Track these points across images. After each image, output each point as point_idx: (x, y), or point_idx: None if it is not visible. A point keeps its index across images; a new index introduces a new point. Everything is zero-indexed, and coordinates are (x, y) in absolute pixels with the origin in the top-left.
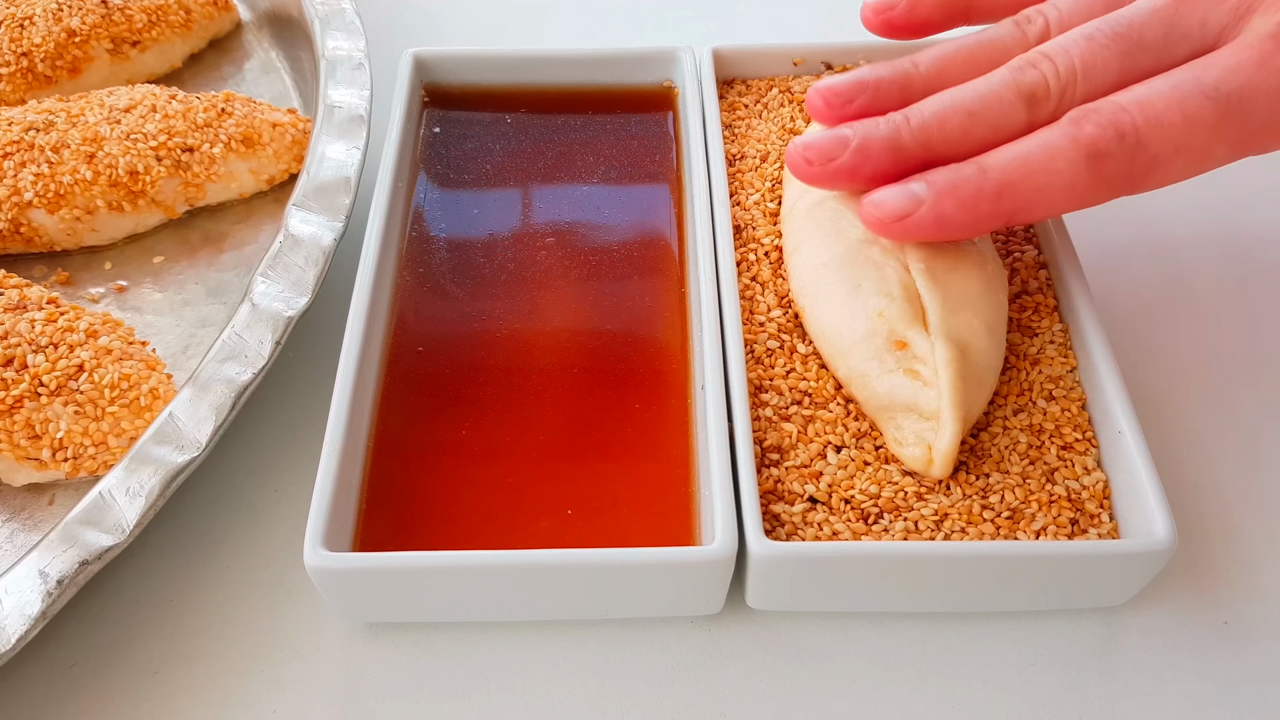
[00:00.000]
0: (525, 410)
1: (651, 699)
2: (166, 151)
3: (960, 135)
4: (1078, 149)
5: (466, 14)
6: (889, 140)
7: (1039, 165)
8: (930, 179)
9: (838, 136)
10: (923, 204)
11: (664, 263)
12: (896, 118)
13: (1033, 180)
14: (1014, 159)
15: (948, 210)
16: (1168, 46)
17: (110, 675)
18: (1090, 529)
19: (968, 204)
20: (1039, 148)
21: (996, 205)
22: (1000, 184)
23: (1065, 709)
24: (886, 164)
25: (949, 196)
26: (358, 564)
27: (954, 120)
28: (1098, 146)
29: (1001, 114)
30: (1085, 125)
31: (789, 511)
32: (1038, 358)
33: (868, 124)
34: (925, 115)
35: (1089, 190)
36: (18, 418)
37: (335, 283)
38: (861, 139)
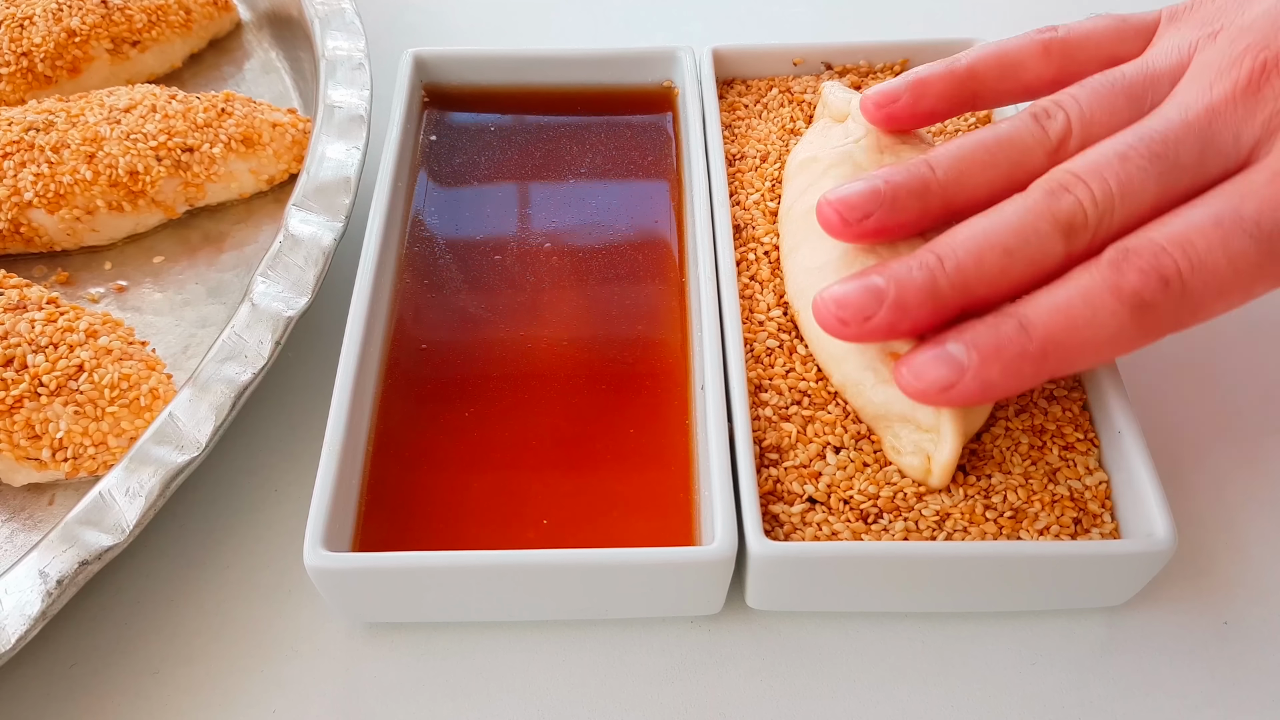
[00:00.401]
0: (525, 410)
1: (651, 699)
2: (166, 151)
3: (998, 275)
4: (1122, 301)
5: (466, 14)
6: (925, 289)
7: (1083, 320)
8: (970, 340)
9: (872, 289)
10: (966, 372)
11: (664, 263)
12: (930, 260)
13: (1077, 336)
14: (1055, 313)
15: (993, 377)
16: (1203, 165)
17: (110, 675)
18: (1093, 529)
19: (1011, 369)
20: (1081, 299)
21: (1040, 366)
22: (1044, 343)
23: (1065, 709)
24: (924, 315)
25: (993, 362)
26: (358, 564)
27: (990, 259)
28: (1142, 297)
29: (1040, 248)
30: (1128, 273)
31: (788, 512)
32: None
33: (899, 269)
34: (960, 256)
35: (1133, 340)
36: (18, 418)
37: (335, 283)
38: (897, 291)
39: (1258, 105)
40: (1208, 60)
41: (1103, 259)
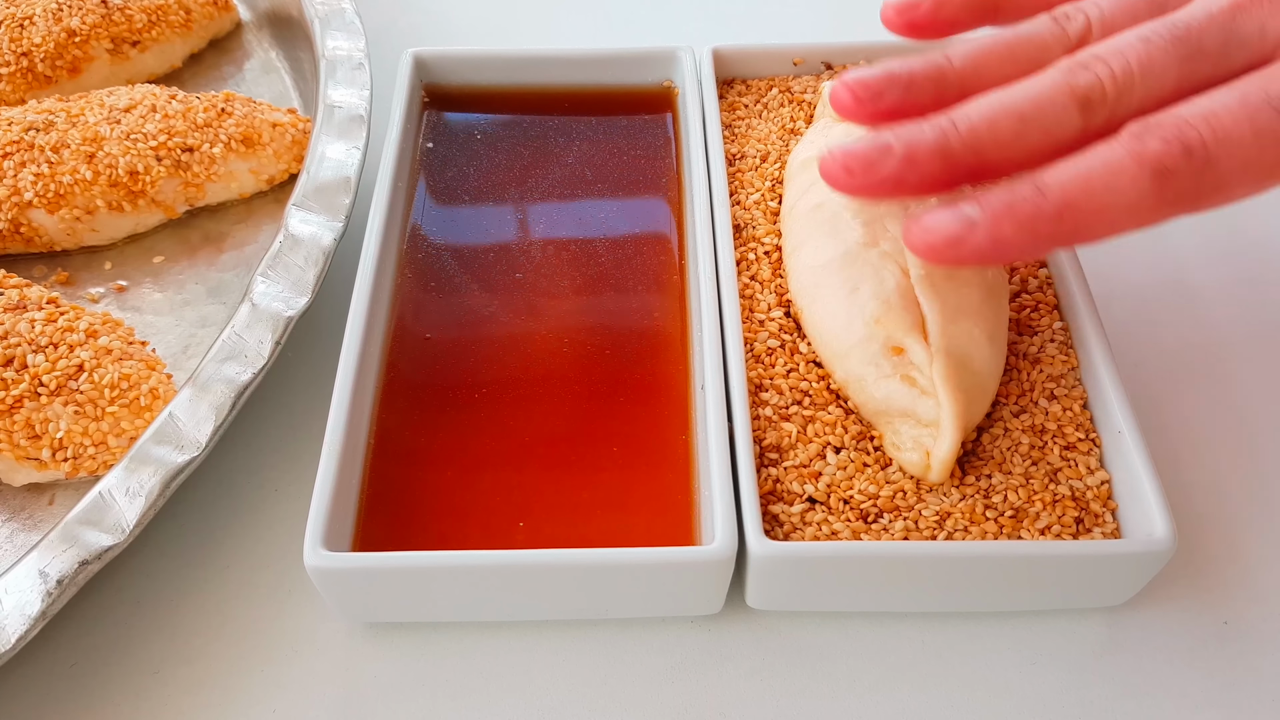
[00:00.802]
0: (525, 410)
1: (651, 699)
2: (166, 151)
3: (1012, 140)
4: (1142, 167)
5: (467, 14)
6: (937, 146)
7: (1101, 184)
8: (983, 200)
9: (880, 143)
10: (977, 228)
11: (664, 263)
12: (942, 121)
13: (1095, 200)
14: (1074, 177)
15: (1005, 233)
16: (1226, 54)
17: (110, 675)
18: (1095, 528)
19: (1026, 226)
20: (1101, 164)
21: (1057, 227)
22: (1060, 204)
23: (1065, 709)
24: (935, 172)
25: (1006, 219)
26: (357, 564)
27: (1004, 124)
28: (1164, 164)
29: (1055, 118)
30: (1149, 140)
31: (788, 512)
32: (1038, 357)
33: (911, 128)
34: (973, 118)
35: (1152, 211)
36: (18, 418)
37: (335, 283)
38: (907, 145)
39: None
40: None
41: (1124, 132)
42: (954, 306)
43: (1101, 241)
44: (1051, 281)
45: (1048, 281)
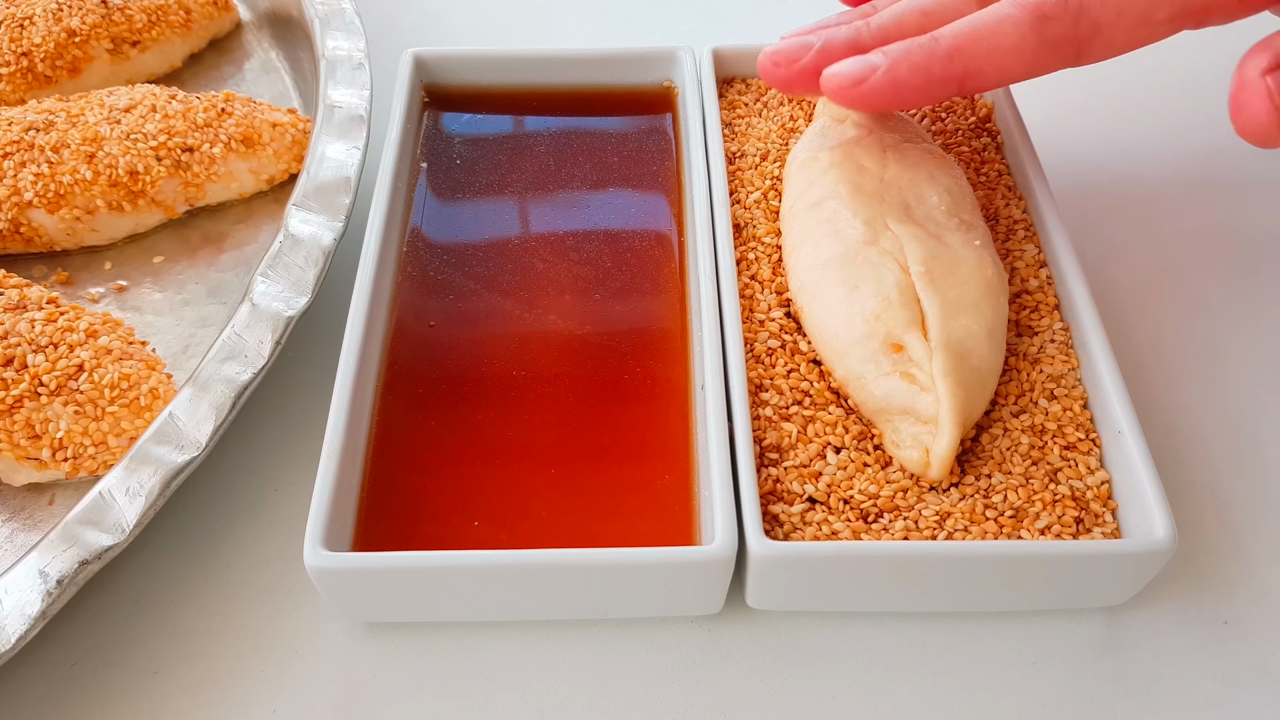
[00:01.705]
0: (525, 409)
1: (651, 699)
2: (166, 151)
3: (916, 31)
4: (1024, 11)
5: (466, 14)
6: (849, 40)
7: (987, 30)
8: (886, 49)
9: (802, 42)
10: (877, 69)
11: (664, 263)
12: (856, 23)
13: (982, 44)
14: (964, 26)
15: (902, 74)
16: None
17: (110, 675)
18: (1095, 528)
19: (920, 67)
20: (989, 14)
21: (948, 68)
22: (951, 49)
23: (1065, 709)
24: (930, 70)
25: (903, 61)
26: (358, 564)
27: (910, 18)
28: (1042, 10)
29: (954, 8)
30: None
31: (788, 512)
32: (1038, 357)
33: (829, 30)
34: (884, 19)
35: (1036, 54)
36: (18, 418)
37: (335, 283)
38: (824, 41)
39: None
40: None
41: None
42: (954, 302)
43: (995, 87)
44: (1052, 281)
45: (1048, 281)
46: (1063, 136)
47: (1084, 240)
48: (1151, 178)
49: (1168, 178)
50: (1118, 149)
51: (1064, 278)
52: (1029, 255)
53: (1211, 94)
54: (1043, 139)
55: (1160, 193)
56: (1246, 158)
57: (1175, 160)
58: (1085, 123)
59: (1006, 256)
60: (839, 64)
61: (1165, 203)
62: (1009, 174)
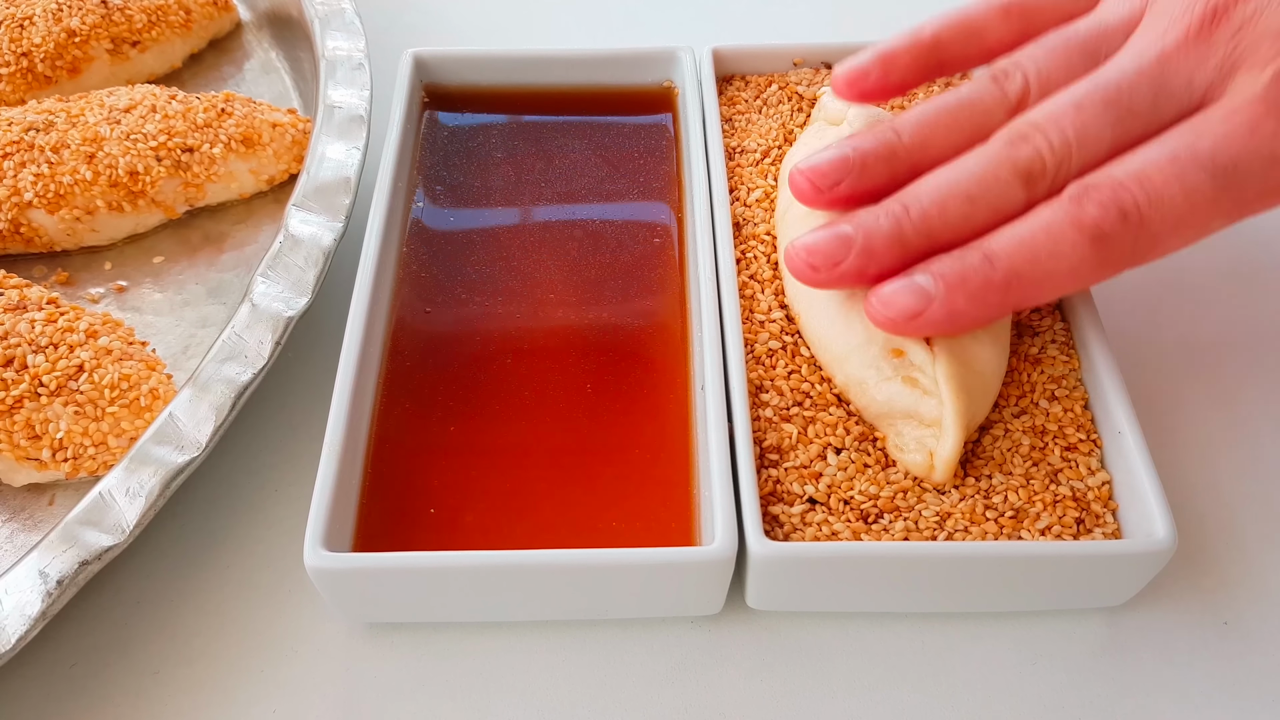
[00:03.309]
0: (525, 410)
1: (651, 699)
2: (166, 152)
3: (961, 221)
4: (1081, 233)
5: (466, 14)
6: (892, 235)
7: (1045, 251)
8: (937, 271)
9: (840, 237)
10: (933, 301)
11: (664, 263)
12: (895, 209)
13: (1039, 268)
14: (1019, 246)
15: (959, 306)
16: (1157, 110)
17: (110, 675)
18: (1096, 529)
19: (977, 298)
20: (1043, 232)
21: (1005, 296)
22: (1008, 274)
23: (1065, 709)
24: (891, 260)
25: (959, 291)
26: (358, 564)
27: (954, 206)
28: (1101, 229)
29: (1000, 195)
30: (1088, 206)
31: (788, 512)
32: (1039, 358)
33: (867, 217)
34: (925, 204)
35: (1093, 272)
36: (18, 418)
37: (335, 283)
38: (865, 238)
39: (1210, 50)
40: (1161, 9)
41: (1064, 195)
42: None
43: (1046, 302)
44: None
45: None
46: None
47: None
48: None
49: None
50: None
51: None
52: None
53: None
54: None
55: None
56: None
57: None
58: None
59: None
60: (888, 290)
61: None
62: None
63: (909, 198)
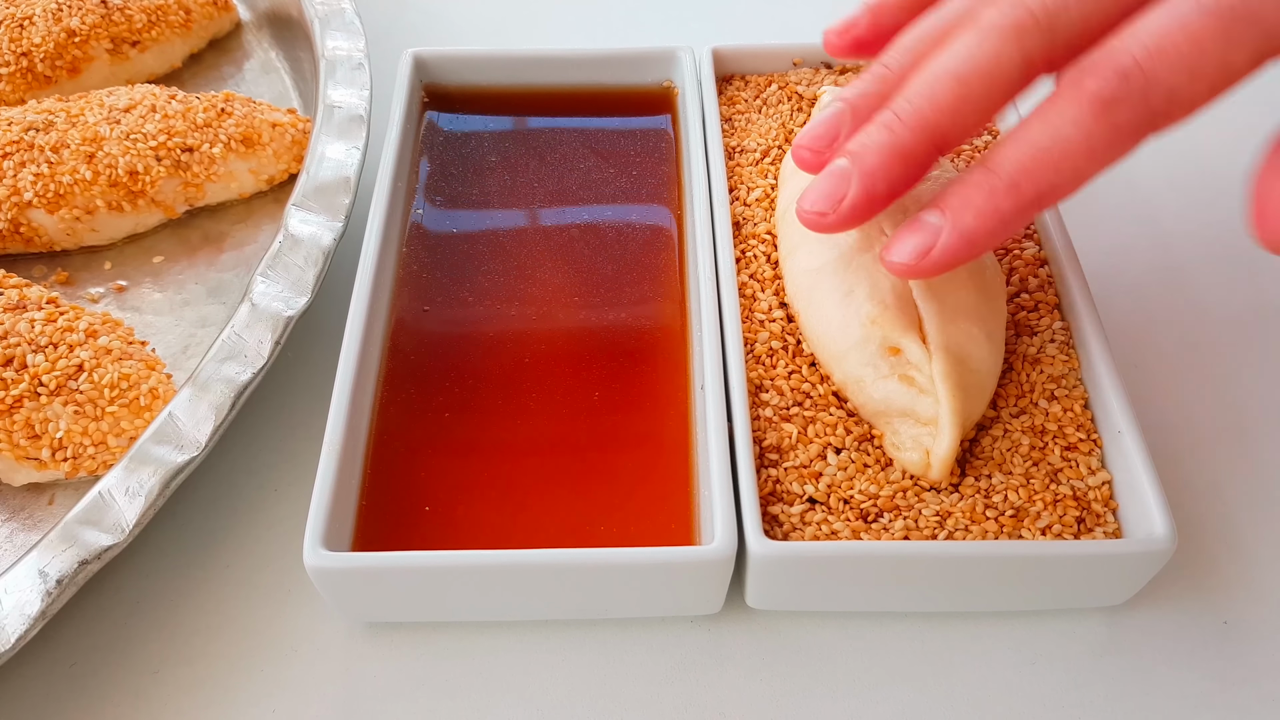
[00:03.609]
0: (525, 410)
1: (651, 699)
2: (166, 151)
3: (958, 104)
4: (1082, 107)
5: (466, 14)
6: (889, 147)
7: (1047, 139)
8: (940, 201)
9: (836, 172)
10: (941, 230)
11: (664, 263)
12: (886, 117)
13: (1047, 157)
14: (1018, 143)
15: (969, 224)
16: None
17: (110, 675)
18: (1097, 528)
19: (987, 210)
20: (1040, 120)
21: (1016, 198)
22: (1012, 174)
23: (1065, 709)
24: (898, 172)
25: (965, 210)
26: (358, 564)
27: (944, 91)
28: (1103, 96)
29: (994, 62)
30: (1084, 81)
31: (788, 512)
32: (1038, 357)
33: (860, 138)
34: (914, 101)
35: (1111, 145)
36: (17, 418)
37: (335, 283)
38: (860, 161)
39: None
40: None
41: (1060, 83)
42: (952, 307)
43: (1076, 191)
44: (1052, 281)
45: (1048, 281)
46: None
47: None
48: (1151, 177)
49: (1168, 177)
50: None
51: (1064, 277)
52: (1028, 254)
53: None
54: None
55: (1160, 193)
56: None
57: (1175, 159)
58: None
59: (1006, 255)
60: (897, 239)
61: (1165, 203)
62: None
63: (897, 100)
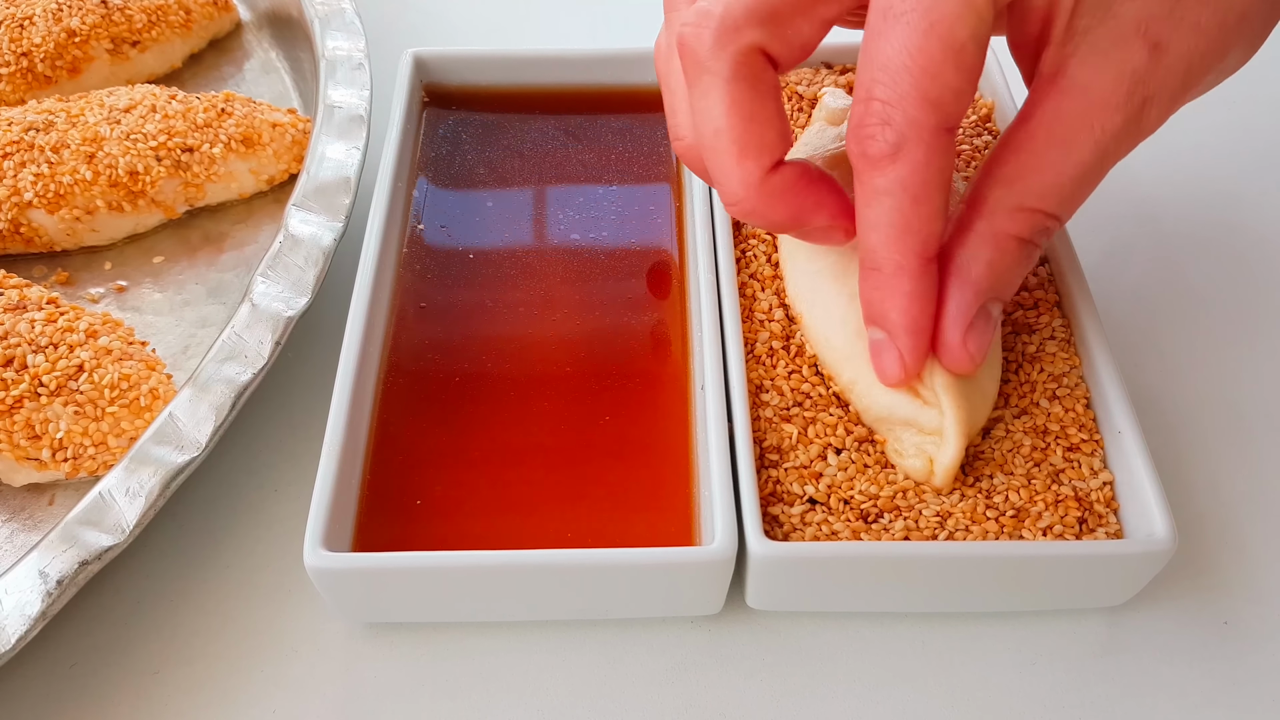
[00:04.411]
0: (525, 410)
1: (651, 699)
2: (166, 152)
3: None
4: (862, 169)
5: (466, 14)
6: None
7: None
8: (874, 321)
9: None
10: (887, 346)
11: (664, 262)
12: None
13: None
14: (870, 233)
15: (900, 323)
16: None
17: (110, 675)
18: (1099, 529)
19: (902, 304)
20: (861, 206)
21: (903, 271)
22: (883, 255)
23: (1065, 709)
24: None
25: (890, 316)
26: (357, 564)
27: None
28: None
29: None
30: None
31: (788, 513)
32: (1038, 355)
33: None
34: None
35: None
36: (18, 418)
37: (335, 283)
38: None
39: None
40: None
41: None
42: None
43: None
44: (1053, 278)
45: (1049, 279)
46: None
47: (1084, 240)
48: (1151, 178)
49: (1168, 178)
50: None
51: (1063, 276)
52: None
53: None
54: None
55: (1160, 193)
56: (1247, 158)
57: (1175, 160)
58: None
59: None
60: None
61: (1165, 203)
62: None
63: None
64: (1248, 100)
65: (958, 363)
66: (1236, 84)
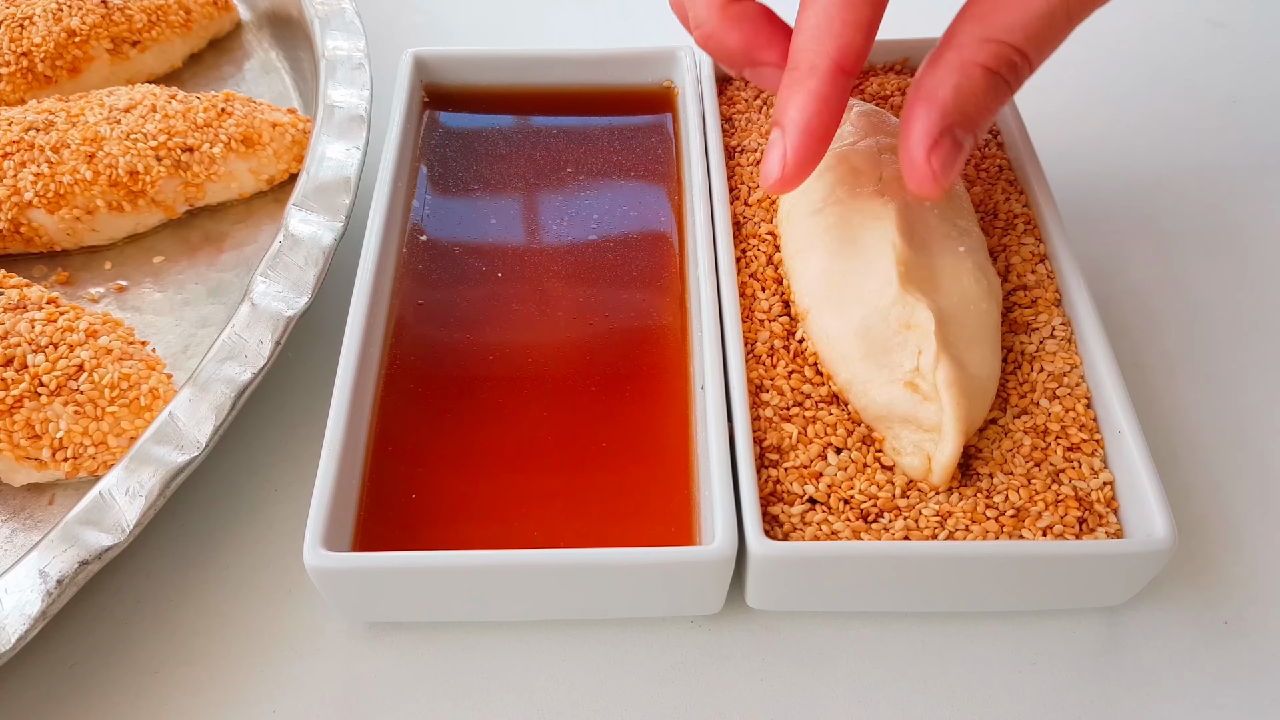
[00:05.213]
0: (525, 410)
1: (651, 699)
2: (166, 151)
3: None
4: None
5: (466, 14)
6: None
7: (816, 19)
8: (775, 120)
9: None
10: (779, 141)
11: (664, 263)
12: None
13: (821, 31)
14: (799, 34)
15: (798, 120)
16: None
17: (110, 675)
18: (1099, 528)
19: (803, 100)
20: (806, 8)
21: (816, 73)
22: (804, 57)
23: (1065, 709)
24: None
25: (789, 111)
26: (358, 564)
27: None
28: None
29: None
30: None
31: (788, 512)
32: (1037, 354)
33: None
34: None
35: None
36: (18, 418)
37: (335, 283)
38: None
39: None
40: None
41: None
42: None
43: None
44: (1052, 276)
45: (1048, 276)
46: (1063, 136)
47: (1084, 239)
48: (1151, 177)
49: (1168, 178)
50: (1118, 149)
51: (1063, 272)
52: (1027, 249)
53: (1212, 94)
54: (1043, 139)
55: (1160, 192)
56: (1246, 158)
57: (1175, 160)
58: (1085, 122)
59: (1004, 251)
60: (762, 173)
61: (1165, 203)
62: (1010, 169)
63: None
64: (1248, 100)
65: (922, 180)
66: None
